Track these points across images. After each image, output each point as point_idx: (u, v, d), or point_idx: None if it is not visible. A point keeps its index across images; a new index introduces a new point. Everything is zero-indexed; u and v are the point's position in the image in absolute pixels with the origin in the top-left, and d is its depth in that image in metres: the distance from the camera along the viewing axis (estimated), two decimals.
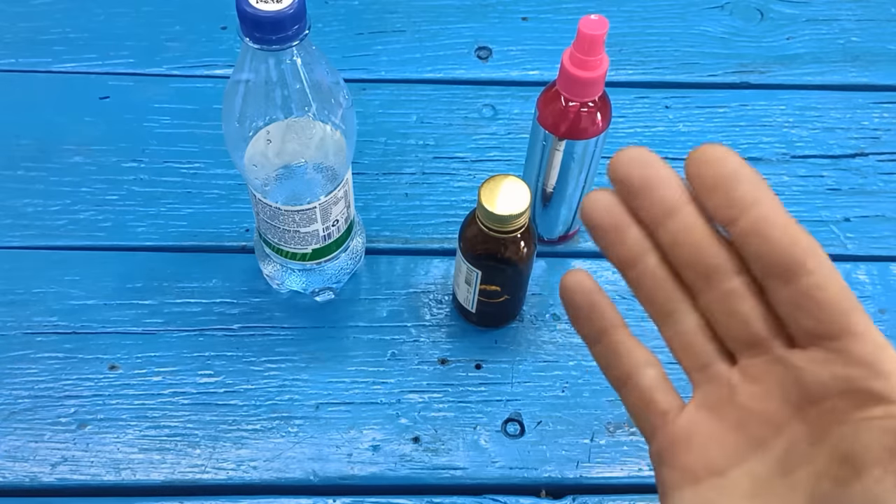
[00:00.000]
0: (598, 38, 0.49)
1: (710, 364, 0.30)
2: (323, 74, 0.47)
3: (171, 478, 0.53)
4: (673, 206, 0.29)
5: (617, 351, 0.32)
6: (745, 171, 0.27)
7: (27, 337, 0.58)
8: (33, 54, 0.73)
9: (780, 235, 0.27)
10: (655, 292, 0.30)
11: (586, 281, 0.32)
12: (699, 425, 0.30)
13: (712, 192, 0.27)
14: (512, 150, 0.69)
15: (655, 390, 0.31)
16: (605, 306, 0.32)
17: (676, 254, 0.29)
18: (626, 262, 0.30)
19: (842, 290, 0.27)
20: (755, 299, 0.28)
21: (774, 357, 0.28)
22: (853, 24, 0.78)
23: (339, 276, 0.59)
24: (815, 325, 0.27)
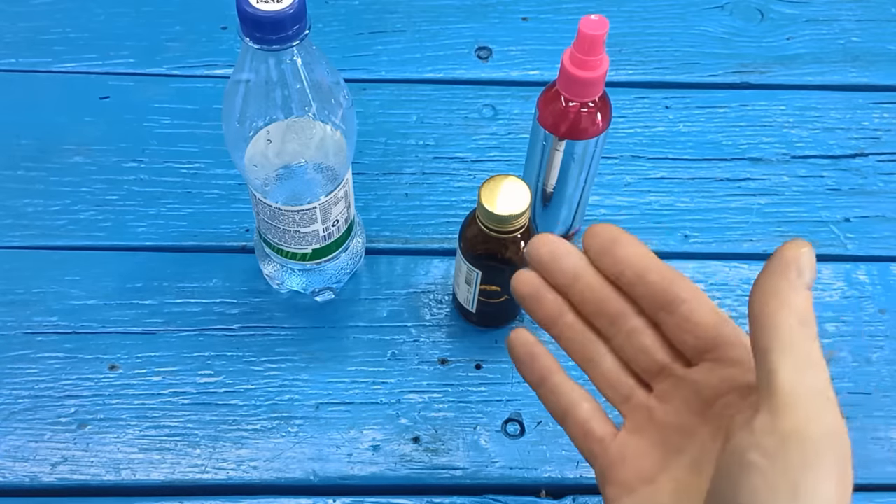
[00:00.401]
0: (598, 38, 0.49)
1: (631, 395, 0.37)
2: (323, 74, 0.47)
3: (171, 478, 0.53)
4: (576, 273, 0.37)
5: (555, 391, 0.39)
6: (626, 237, 0.36)
7: (27, 337, 0.58)
8: (33, 54, 0.73)
9: (657, 278, 0.35)
10: (575, 342, 0.38)
11: (526, 336, 0.40)
12: (630, 446, 0.36)
13: (601, 257, 0.36)
14: (512, 150, 0.69)
15: (591, 421, 0.38)
16: (543, 355, 0.39)
17: (586, 308, 0.38)
18: (548, 321, 0.39)
19: (712, 310, 0.35)
20: (654, 333, 0.36)
21: (677, 377, 0.36)
22: (853, 24, 0.78)
23: (339, 276, 0.59)
24: (696, 343, 0.35)
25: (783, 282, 0.31)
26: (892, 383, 0.57)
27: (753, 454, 0.30)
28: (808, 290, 0.32)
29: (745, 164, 0.69)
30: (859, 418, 0.56)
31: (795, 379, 0.30)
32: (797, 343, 0.31)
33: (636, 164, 0.68)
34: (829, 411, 0.30)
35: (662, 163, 0.68)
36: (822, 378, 0.30)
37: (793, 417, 0.29)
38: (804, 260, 0.32)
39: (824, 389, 0.30)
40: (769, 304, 0.31)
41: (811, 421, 0.29)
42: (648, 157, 0.68)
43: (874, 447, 0.55)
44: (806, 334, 0.31)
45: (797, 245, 0.32)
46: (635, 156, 0.69)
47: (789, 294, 0.31)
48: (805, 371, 0.30)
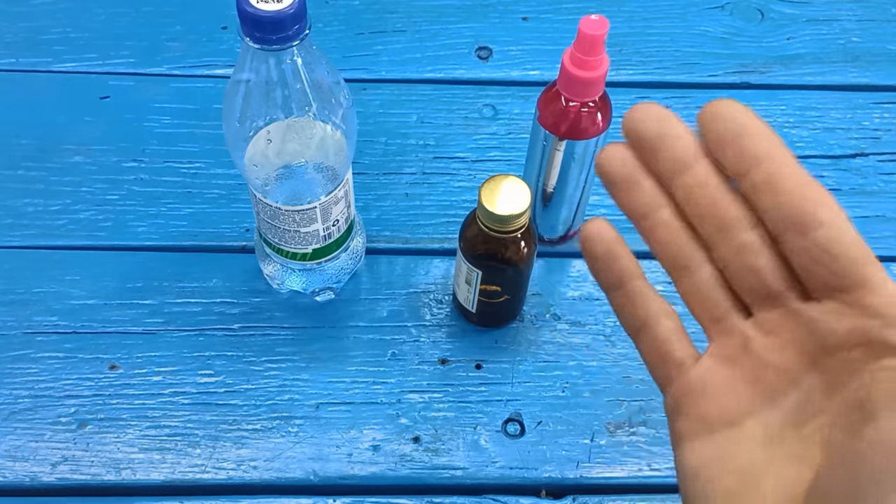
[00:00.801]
0: (598, 38, 0.49)
1: (726, 316, 0.30)
2: (323, 74, 0.47)
3: (172, 477, 0.53)
4: (686, 161, 0.29)
5: (634, 300, 0.31)
6: (756, 125, 0.28)
7: (27, 337, 0.58)
8: (34, 54, 0.73)
9: (792, 188, 0.27)
10: (670, 244, 0.30)
11: (607, 230, 0.32)
12: (714, 376, 0.30)
13: (724, 147, 0.28)
14: (512, 150, 0.69)
15: (671, 340, 0.31)
16: (625, 256, 0.31)
17: (691, 208, 0.29)
18: (640, 214, 0.30)
19: (856, 242, 0.27)
20: (770, 252, 0.28)
21: (790, 310, 0.28)
22: (853, 24, 0.78)
23: (339, 275, 0.59)
24: (829, 278, 0.27)
25: None
26: None
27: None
28: None
29: None
30: None
31: None
32: None
33: None
34: None
35: None
36: None
37: None
38: None
39: None
40: None
41: None
42: None
43: None
44: None
45: None
46: None
47: None
48: None
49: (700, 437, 0.29)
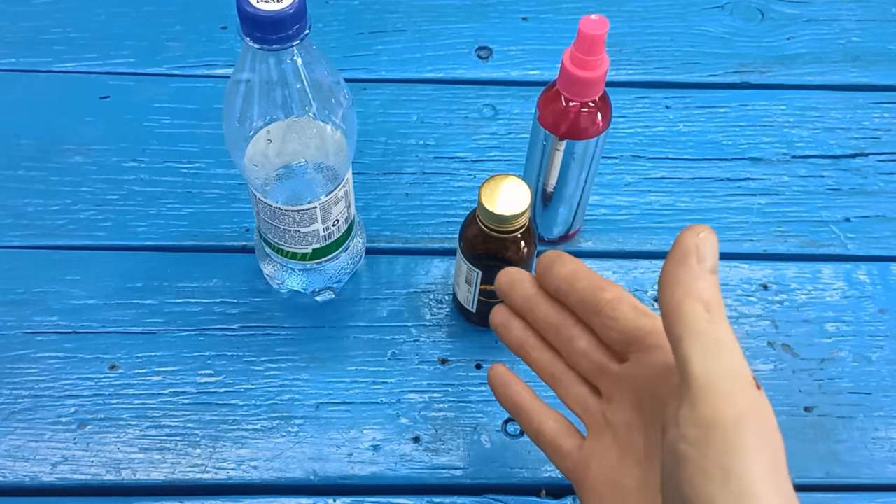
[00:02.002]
0: (598, 37, 0.49)
1: (587, 403, 0.41)
2: (323, 74, 0.47)
3: (172, 477, 0.53)
4: (527, 296, 0.43)
5: (528, 414, 0.43)
6: (562, 258, 0.41)
7: (27, 337, 0.58)
8: (34, 54, 0.73)
9: (585, 285, 0.40)
10: (540, 362, 0.43)
11: (500, 368, 0.46)
12: (592, 453, 0.40)
13: (544, 278, 0.42)
14: (512, 150, 0.69)
15: (558, 437, 0.42)
16: (515, 383, 0.45)
17: (540, 327, 0.43)
18: (517, 346, 0.45)
19: (631, 306, 0.38)
20: (589, 336, 0.40)
21: (614, 374, 0.39)
22: (854, 24, 0.78)
23: (339, 275, 0.59)
24: (619, 336, 0.38)
25: (684, 270, 0.33)
26: (892, 383, 0.57)
27: (682, 445, 0.31)
28: (711, 275, 0.33)
29: (745, 163, 0.69)
30: (859, 418, 0.56)
31: (707, 365, 0.31)
32: (704, 329, 0.32)
33: (636, 164, 0.68)
34: (741, 389, 0.31)
35: (662, 162, 0.68)
36: (734, 358, 0.32)
37: (710, 405, 0.31)
38: (704, 246, 0.33)
39: (736, 370, 0.32)
40: (675, 293, 0.33)
41: (727, 403, 0.31)
42: (649, 157, 0.68)
43: (874, 447, 0.55)
44: (713, 318, 0.32)
45: (695, 231, 0.33)
46: (635, 156, 0.69)
47: (692, 281, 0.33)
48: (715, 355, 0.32)
49: (594, 501, 0.39)
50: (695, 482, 0.31)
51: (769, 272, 0.63)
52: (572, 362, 0.42)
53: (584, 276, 0.40)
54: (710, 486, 0.30)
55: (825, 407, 0.56)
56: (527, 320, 0.44)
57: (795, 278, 0.62)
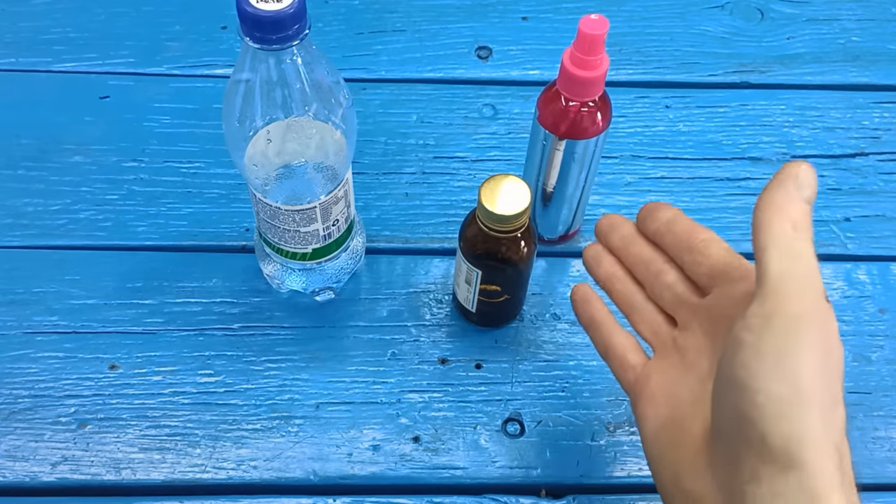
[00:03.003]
0: (598, 37, 0.49)
1: (660, 330, 0.44)
2: (323, 74, 0.47)
3: (172, 477, 0.53)
4: (626, 238, 0.47)
5: (600, 329, 0.47)
6: (662, 205, 0.45)
7: (27, 336, 0.58)
8: (33, 54, 0.73)
9: (681, 227, 0.44)
10: (622, 294, 0.47)
11: (586, 287, 0.49)
12: (655, 368, 0.43)
13: (643, 221, 0.46)
14: (512, 149, 0.69)
15: (627, 353, 0.45)
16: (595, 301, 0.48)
17: (629, 261, 0.46)
18: (604, 279, 0.48)
19: (724, 248, 0.42)
20: (676, 272, 0.44)
21: (693, 305, 0.42)
22: (853, 23, 0.78)
23: (339, 275, 0.59)
24: (708, 272, 0.42)
25: (782, 192, 0.35)
26: (892, 383, 0.57)
27: (743, 333, 0.33)
28: (805, 203, 0.35)
29: (745, 163, 0.69)
30: (859, 418, 0.56)
31: (782, 268, 0.34)
32: (787, 241, 0.34)
33: (636, 164, 0.68)
34: (810, 293, 0.33)
35: (662, 162, 0.68)
36: (809, 267, 0.34)
37: (777, 299, 0.33)
38: (803, 176, 0.35)
39: (809, 276, 0.34)
40: (767, 211, 0.35)
41: (793, 301, 0.33)
42: (648, 157, 0.68)
43: (874, 447, 0.55)
44: (798, 236, 0.34)
45: (798, 163, 0.35)
46: (635, 155, 0.69)
47: (786, 203, 0.35)
48: (791, 261, 0.34)
49: (650, 409, 0.42)
50: (748, 364, 0.33)
51: None
52: (654, 294, 0.45)
53: (684, 220, 0.44)
54: (762, 368, 0.32)
55: None
56: (619, 257, 0.47)
57: None
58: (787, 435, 0.32)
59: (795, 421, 0.32)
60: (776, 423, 0.32)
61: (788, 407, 0.32)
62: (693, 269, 0.42)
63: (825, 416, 0.32)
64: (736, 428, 0.34)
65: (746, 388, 0.33)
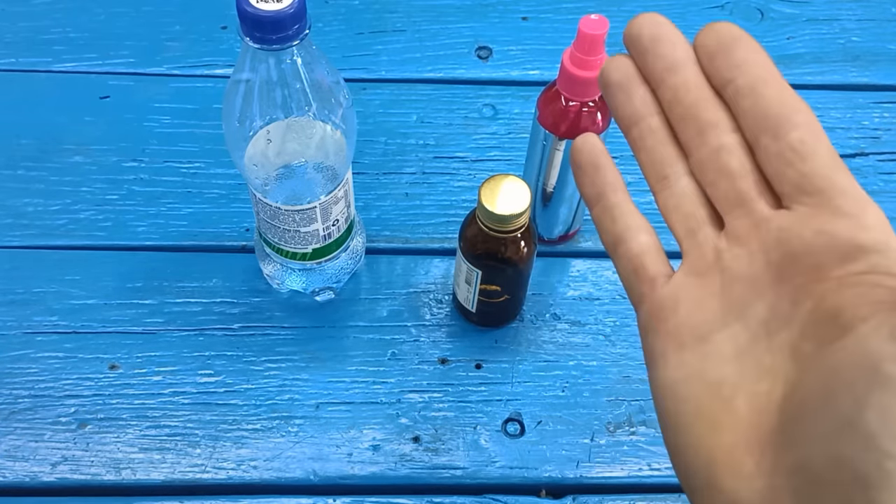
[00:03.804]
0: (598, 37, 0.49)
1: (699, 228, 0.30)
2: (323, 74, 0.47)
3: (172, 477, 0.53)
4: (676, 63, 0.29)
5: (613, 212, 0.32)
6: (746, 38, 0.28)
7: (27, 336, 0.58)
8: (33, 54, 0.73)
9: (773, 94, 0.28)
10: (653, 152, 0.31)
11: (595, 141, 0.33)
12: (686, 291, 0.29)
13: (714, 56, 0.29)
14: (512, 149, 0.69)
15: (645, 255, 0.31)
16: (609, 168, 0.32)
17: (675, 110, 0.30)
18: (631, 120, 0.31)
19: (827, 148, 0.27)
20: (745, 156, 0.29)
21: (760, 217, 0.28)
22: (853, 23, 0.78)
23: (339, 275, 0.59)
24: (799, 180, 0.27)
25: None
26: None
27: (890, 365, 0.23)
28: None
29: None
30: None
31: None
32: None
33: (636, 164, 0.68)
34: None
35: None
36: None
37: None
38: None
39: None
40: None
41: None
42: None
43: None
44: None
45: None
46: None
47: None
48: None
49: (671, 354, 0.29)
50: (888, 414, 0.22)
51: None
52: (703, 175, 0.30)
53: (774, 81, 0.28)
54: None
55: None
56: (658, 96, 0.31)
57: None
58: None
59: None
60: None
61: None
62: (775, 165, 0.28)
63: None
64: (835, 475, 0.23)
65: (874, 445, 0.22)
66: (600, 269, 0.62)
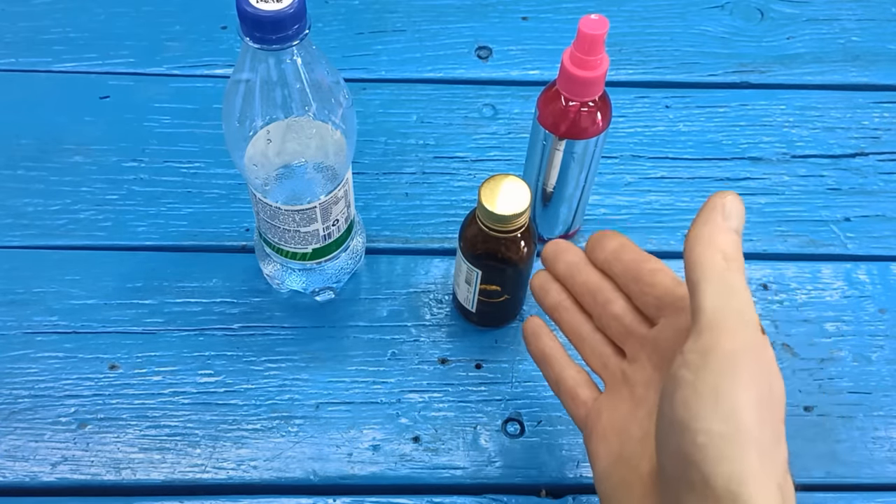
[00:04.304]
0: (598, 37, 0.49)
1: (608, 361, 0.44)
2: (323, 74, 0.47)
3: (172, 477, 0.53)
4: (570, 264, 0.46)
5: (551, 363, 0.46)
6: (611, 235, 0.44)
7: (27, 337, 0.58)
8: (33, 54, 0.73)
9: (631, 257, 0.43)
10: (569, 323, 0.46)
11: (535, 320, 0.48)
12: (607, 403, 0.42)
13: (593, 250, 0.45)
14: (512, 149, 0.69)
15: (577, 387, 0.45)
16: (546, 335, 0.47)
17: (577, 290, 0.45)
18: (551, 308, 0.47)
19: (671, 278, 0.41)
20: (624, 302, 0.43)
21: (642, 337, 0.42)
22: (853, 23, 0.78)
23: (339, 275, 0.59)
24: (655, 302, 0.41)
25: (709, 225, 0.35)
26: (892, 383, 0.57)
27: (682, 370, 0.33)
28: (734, 233, 0.35)
29: (745, 163, 0.69)
30: (859, 418, 0.56)
31: (716, 303, 0.34)
32: (719, 274, 0.34)
33: (636, 164, 0.68)
34: (746, 328, 0.34)
35: (662, 162, 0.68)
36: (743, 302, 0.34)
37: (713, 335, 0.33)
38: (730, 206, 0.35)
39: (744, 311, 0.34)
40: (697, 245, 0.35)
41: (728, 337, 0.33)
42: (648, 157, 0.68)
43: (874, 447, 0.55)
44: (730, 267, 0.35)
45: (724, 193, 0.36)
46: (635, 155, 0.69)
47: (715, 235, 0.35)
48: (725, 295, 0.34)
49: (601, 446, 0.41)
50: (688, 403, 0.32)
51: (769, 272, 0.63)
52: (602, 325, 0.44)
53: (632, 249, 0.43)
54: (702, 407, 0.32)
55: (825, 406, 0.56)
56: (565, 286, 0.46)
57: (795, 278, 0.62)
58: (728, 475, 0.31)
59: (736, 461, 0.31)
60: (717, 464, 0.31)
61: (728, 446, 0.31)
62: (640, 298, 0.42)
63: (765, 454, 0.32)
64: (679, 469, 0.33)
65: (687, 428, 0.32)
66: None
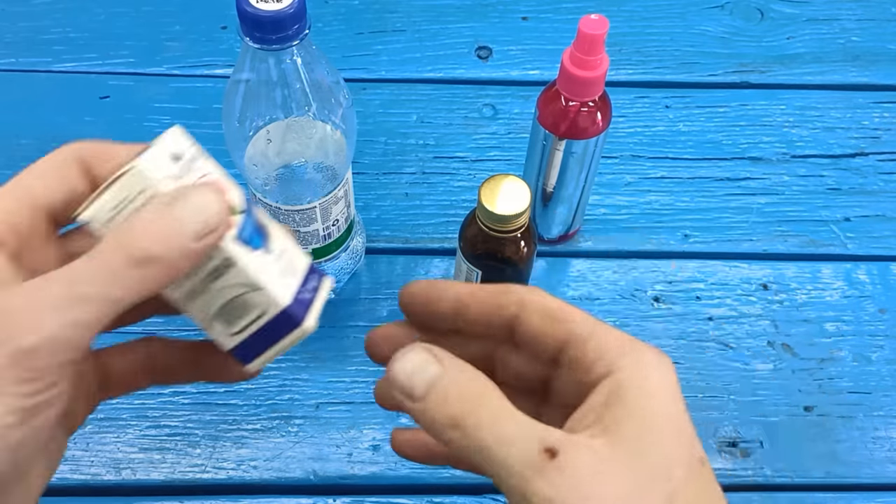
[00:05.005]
0: (598, 37, 0.49)
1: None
2: (323, 74, 0.47)
3: (172, 477, 0.53)
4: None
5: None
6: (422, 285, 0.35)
7: None
8: (33, 54, 0.73)
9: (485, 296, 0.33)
10: None
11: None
12: None
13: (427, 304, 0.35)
14: (512, 149, 0.69)
15: None
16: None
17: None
18: None
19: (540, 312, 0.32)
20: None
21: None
22: (853, 23, 0.78)
23: (339, 275, 0.59)
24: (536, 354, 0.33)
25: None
26: (892, 383, 0.57)
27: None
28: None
29: (745, 163, 0.69)
30: (859, 418, 0.56)
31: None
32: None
33: (636, 164, 0.68)
34: None
35: (662, 162, 0.68)
36: None
37: None
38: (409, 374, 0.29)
39: None
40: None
41: None
42: (648, 157, 0.68)
43: (874, 447, 0.55)
44: None
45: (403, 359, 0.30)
46: (635, 155, 0.69)
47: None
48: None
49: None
50: None
51: (769, 272, 0.63)
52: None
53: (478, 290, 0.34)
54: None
55: (825, 406, 0.56)
56: None
57: (795, 278, 0.62)
58: None
59: None
60: None
61: None
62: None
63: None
64: None
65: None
66: (600, 269, 0.62)
